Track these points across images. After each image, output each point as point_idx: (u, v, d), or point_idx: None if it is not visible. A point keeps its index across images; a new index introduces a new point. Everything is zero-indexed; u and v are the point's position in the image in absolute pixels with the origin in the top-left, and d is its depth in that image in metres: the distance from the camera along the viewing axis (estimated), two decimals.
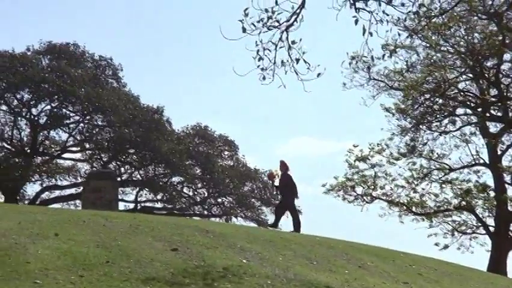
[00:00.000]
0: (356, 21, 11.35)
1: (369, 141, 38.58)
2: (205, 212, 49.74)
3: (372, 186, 36.05)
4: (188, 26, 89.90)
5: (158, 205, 49.34)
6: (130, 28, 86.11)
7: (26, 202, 46.20)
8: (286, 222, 21.63)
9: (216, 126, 71.34)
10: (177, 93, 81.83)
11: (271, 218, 49.34)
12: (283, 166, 21.94)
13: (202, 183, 49.37)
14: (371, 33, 11.38)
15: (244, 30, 11.10)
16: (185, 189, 49.44)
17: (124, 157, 48.13)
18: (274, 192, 22.70)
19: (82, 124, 47.82)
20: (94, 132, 47.66)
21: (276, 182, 22.43)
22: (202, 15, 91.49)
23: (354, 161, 36.30)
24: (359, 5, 11.39)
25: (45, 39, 48.07)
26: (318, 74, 11.43)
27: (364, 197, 36.05)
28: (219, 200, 50.01)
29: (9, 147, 47.13)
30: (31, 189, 47.99)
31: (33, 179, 47.05)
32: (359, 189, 36.20)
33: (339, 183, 36.06)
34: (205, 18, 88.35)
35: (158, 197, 49.06)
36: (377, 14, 11.40)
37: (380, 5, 11.40)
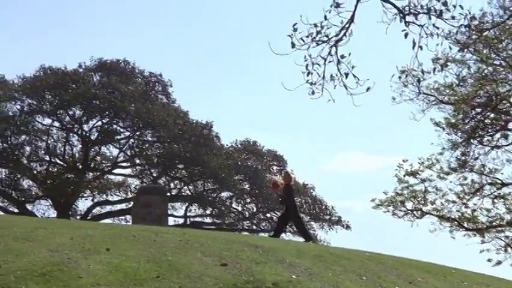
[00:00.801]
0: (406, 35, 11.28)
1: (419, 155, 38.18)
2: (254, 227, 49.75)
3: (423, 201, 35.65)
4: (238, 42, 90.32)
5: (208, 220, 49.53)
6: (180, 44, 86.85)
7: (78, 217, 46.78)
8: (334, 238, 21.53)
9: (264, 141, 71.35)
10: (226, 109, 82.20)
11: (320, 233, 49.12)
12: (287, 177, 21.68)
13: (251, 198, 49.40)
14: (421, 47, 11.30)
15: (293, 45, 11.11)
16: (234, 204, 49.55)
17: (173, 172, 48.45)
18: (281, 203, 22.72)
19: (132, 140, 48.34)
20: (144, 147, 48.11)
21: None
22: (251, 30, 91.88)
23: (404, 175, 35.94)
24: (409, 18, 11.32)
25: (96, 56, 48.74)
26: (368, 88, 11.37)
27: (414, 212, 35.66)
28: (268, 215, 49.97)
29: (61, 163, 47.83)
30: (83, 204, 48.57)
31: (84, 195, 47.66)
32: (409, 204, 35.83)
33: (388, 198, 35.74)
34: (255, 34, 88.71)
35: (208, 212, 49.24)
36: (427, 27, 11.32)
37: (430, 18, 11.32)
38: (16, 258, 11.36)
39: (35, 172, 47.17)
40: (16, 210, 46.40)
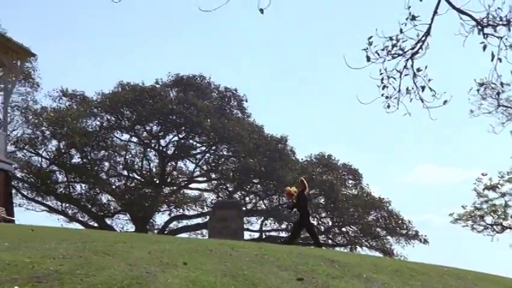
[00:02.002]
0: (484, 47, 11.09)
1: (499, 169, 37.43)
2: (330, 241, 49.47)
3: (503, 216, 34.93)
4: (312, 56, 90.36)
5: (283, 234, 49.50)
6: (255, 59, 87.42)
7: (155, 231, 47.39)
8: (411, 252, 21.28)
9: (339, 155, 71.01)
10: (301, 123, 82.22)
11: (396, 247, 48.46)
12: (302, 185, 21.75)
13: (326, 213, 49.19)
14: (500, 59, 11.09)
15: (368, 58, 11.05)
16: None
17: (248, 187, 48.65)
18: (290, 210, 22.71)
19: (208, 154, 48.81)
20: (220, 162, 48.49)
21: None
22: (325, 44, 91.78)
23: (483, 189, 35.33)
24: (487, 30, 11.13)
25: (173, 71, 49.48)
26: (445, 102, 11.21)
27: (494, 227, 34.95)
28: (343, 229, 49.64)
29: (139, 177, 48.59)
30: (160, 218, 49.23)
31: (161, 209, 48.28)
32: (489, 219, 35.18)
33: (467, 213, 35.16)
34: (329, 48, 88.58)
35: (283, 226, 49.22)
36: (506, 39, 11.11)
37: (509, 30, 11.11)
38: (97, 272, 11.57)
39: (113, 187, 48.06)
40: (96, 225, 47.29)
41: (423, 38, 11.23)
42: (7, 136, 30.07)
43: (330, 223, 49.60)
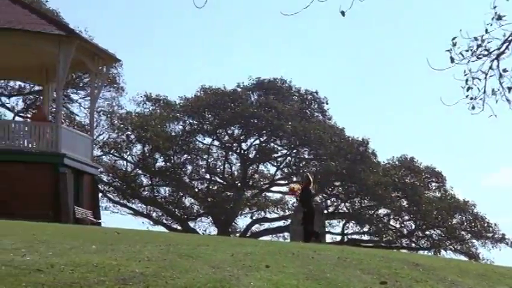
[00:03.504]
0: None
1: None
2: (413, 245, 48.89)
3: None
4: (393, 57, 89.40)
5: (365, 237, 49.17)
6: (335, 61, 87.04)
7: (237, 234, 47.73)
8: (498, 256, 20.81)
9: (422, 158, 69.96)
10: (382, 125, 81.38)
11: (482, 251, 47.51)
12: (307, 180, 22.28)
13: (409, 216, 48.64)
14: None
15: (452, 60, 10.89)
16: (392, 222, 48.93)
17: (330, 189, 48.52)
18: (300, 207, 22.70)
19: (289, 157, 48.89)
20: (301, 165, 48.51)
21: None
22: (407, 45, 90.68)
23: None
24: None
25: (254, 75, 49.66)
26: None
27: None
28: (427, 232, 48.99)
29: (221, 181, 49.05)
30: (242, 221, 49.56)
31: (243, 212, 48.60)
32: None
33: None
34: (411, 48, 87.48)
35: (365, 229, 48.89)
36: None
37: None
38: (181, 275, 11.74)
39: (196, 190, 48.65)
40: (179, 227, 47.94)
41: (510, 38, 10.99)
42: (93, 140, 30.79)
43: (413, 226, 49.01)
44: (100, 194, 39.51)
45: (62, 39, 25.84)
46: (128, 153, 48.30)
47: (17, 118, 41.70)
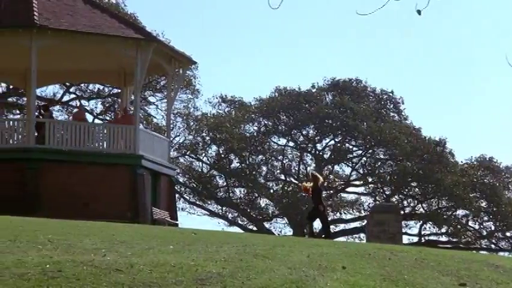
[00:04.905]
0: None
1: None
2: (493, 246, 48.02)
3: None
4: (471, 55, 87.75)
5: (443, 239, 48.52)
6: (411, 60, 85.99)
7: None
8: None
9: (502, 157, 68.53)
10: (460, 124, 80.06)
11: None
12: (314, 179, 22.42)
13: (489, 217, 47.78)
14: None
15: None
16: (470, 223, 48.16)
17: (406, 190, 48.04)
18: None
19: (364, 158, 48.58)
20: (376, 166, 48.15)
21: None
22: (485, 44, 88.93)
23: None
24: None
25: (329, 75, 49.50)
26: None
27: None
28: (508, 233, 48.05)
29: (296, 181, 49.07)
30: (317, 223, 49.40)
31: None
32: None
33: None
34: (488, 47, 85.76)
35: (443, 230, 48.24)
36: None
37: None
38: (257, 275, 11.80)
39: (271, 191, 48.78)
40: (254, 228, 48.16)
41: None
42: (170, 142, 31.22)
43: (493, 227, 48.13)
44: (177, 195, 40.00)
45: (140, 42, 26.29)
46: (203, 154, 48.78)
47: (96, 121, 42.59)
